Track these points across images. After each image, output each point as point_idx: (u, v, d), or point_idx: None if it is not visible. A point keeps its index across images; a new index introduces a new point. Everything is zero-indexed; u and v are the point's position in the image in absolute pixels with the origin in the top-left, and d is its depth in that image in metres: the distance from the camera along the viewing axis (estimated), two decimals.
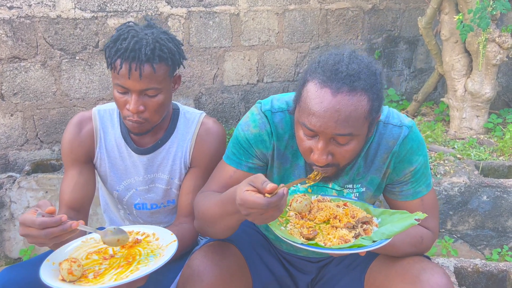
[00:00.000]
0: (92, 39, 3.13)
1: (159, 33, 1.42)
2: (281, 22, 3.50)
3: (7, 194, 2.79)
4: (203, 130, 1.55)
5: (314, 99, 1.12)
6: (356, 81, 1.11)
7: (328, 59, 1.17)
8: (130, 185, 1.58)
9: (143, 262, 1.20)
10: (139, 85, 1.36)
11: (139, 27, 1.42)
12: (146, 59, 1.34)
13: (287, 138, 1.32)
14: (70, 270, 1.15)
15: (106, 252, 1.27)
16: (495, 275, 1.92)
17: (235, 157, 1.36)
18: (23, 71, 3.06)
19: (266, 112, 1.32)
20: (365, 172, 1.34)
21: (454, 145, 3.23)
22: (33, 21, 2.99)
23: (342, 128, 1.11)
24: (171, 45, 1.42)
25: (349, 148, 1.16)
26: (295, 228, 1.20)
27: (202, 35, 3.36)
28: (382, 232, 1.15)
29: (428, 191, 1.36)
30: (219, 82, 3.51)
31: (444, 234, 2.76)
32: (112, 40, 1.40)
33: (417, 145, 1.32)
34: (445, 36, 3.35)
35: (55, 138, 3.23)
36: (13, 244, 2.84)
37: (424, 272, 1.23)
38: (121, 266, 1.20)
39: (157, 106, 1.41)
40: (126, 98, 1.39)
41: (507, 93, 3.87)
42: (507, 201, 2.66)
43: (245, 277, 1.35)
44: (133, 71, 1.34)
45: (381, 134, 1.31)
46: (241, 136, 1.34)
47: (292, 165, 1.35)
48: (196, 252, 1.32)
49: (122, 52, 1.35)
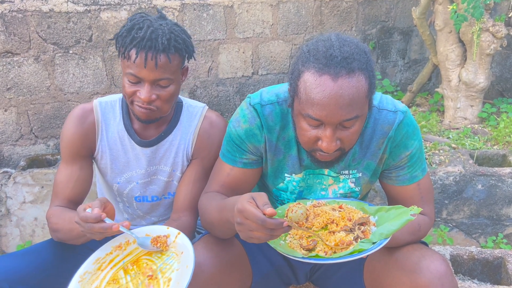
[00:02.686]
0: (86, 33, 3.11)
1: (172, 24, 1.43)
2: (275, 14, 3.49)
3: (3, 190, 2.78)
4: (207, 123, 1.56)
5: (315, 88, 1.11)
6: (352, 62, 1.11)
7: (318, 46, 1.15)
8: (131, 178, 1.58)
9: (167, 270, 1.17)
10: (153, 75, 1.36)
11: (152, 18, 1.42)
12: (163, 49, 1.35)
13: (278, 129, 1.32)
14: None
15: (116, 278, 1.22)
16: (491, 262, 1.94)
17: (230, 154, 1.37)
18: (16, 66, 3.03)
19: (256, 106, 1.32)
20: (360, 158, 1.35)
21: (449, 135, 3.25)
22: (25, 15, 2.96)
23: (348, 113, 1.12)
24: (184, 37, 1.43)
25: (354, 130, 1.17)
26: (294, 239, 1.20)
27: (196, 27, 3.34)
28: (381, 232, 1.16)
29: (423, 176, 1.37)
30: (214, 75, 3.50)
31: (440, 223, 2.78)
32: (126, 30, 1.38)
33: (412, 129, 1.33)
34: (439, 26, 3.35)
35: (50, 133, 3.22)
36: (9, 239, 2.83)
37: (423, 259, 1.24)
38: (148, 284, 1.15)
39: (168, 96, 1.41)
40: (136, 88, 1.39)
41: (501, 83, 3.89)
42: (502, 189, 2.68)
43: (245, 267, 1.35)
44: (149, 61, 1.34)
45: (375, 119, 1.31)
46: (233, 133, 1.35)
47: (285, 156, 1.36)
48: (196, 243, 1.32)
49: (138, 41, 1.34)
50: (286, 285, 1.55)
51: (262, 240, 1.04)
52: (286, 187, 1.41)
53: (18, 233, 2.82)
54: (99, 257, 1.30)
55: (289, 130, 1.33)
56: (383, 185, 1.45)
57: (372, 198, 2.74)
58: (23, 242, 2.82)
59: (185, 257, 1.15)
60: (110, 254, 1.30)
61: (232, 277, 1.30)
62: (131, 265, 1.24)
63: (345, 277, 1.44)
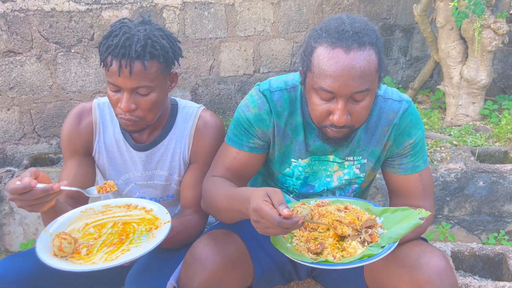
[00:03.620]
0: (87, 32, 3.12)
1: (153, 29, 1.37)
2: (276, 12, 3.50)
3: (6, 189, 2.80)
4: (201, 124, 1.52)
5: (328, 60, 1.16)
6: (363, 37, 1.16)
7: (330, 24, 1.21)
8: (129, 179, 1.58)
9: (135, 242, 1.21)
10: (130, 83, 1.32)
11: (133, 24, 1.38)
12: (136, 56, 1.30)
13: (286, 115, 1.36)
14: (60, 247, 1.18)
15: (103, 226, 1.29)
16: (492, 258, 1.94)
17: (237, 138, 1.39)
18: (18, 65, 3.05)
19: (265, 92, 1.36)
20: (365, 144, 1.38)
21: (451, 132, 3.25)
22: (27, 14, 2.98)
23: (360, 85, 1.16)
24: (164, 42, 1.37)
25: (364, 104, 1.20)
26: (301, 242, 1.20)
27: (197, 26, 3.35)
28: (389, 236, 1.16)
29: (425, 167, 1.40)
30: (215, 73, 3.51)
31: (441, 220, 2.79)
32: (104, 37, 1.35)
33: (416, 119, 1.38)
34: (441, 23, 3.35)
35: (52, 132, 3.23)
36: (13, 238, 2.85)
37: (423, 255, 1.25)
38: (114, 244, 1.21)
39: (149, 104, 1.36)
40: (118, 96, 1.35)
41: (503, 80, 3.88)
42: (503, 186, 2.68)
43: (246, 264, 1.36)
44: (123, 69, 1.30)
45: (381, 108, 1.36)
46: (242, 117, 1.37)
47: (292, 141, 1.38)
48: (198, 240, 1.33)
49: (113, 48, 1.31)
50: (288, 281, 1.56)
51: (278, 234, 1.09)
52: (292, 172, 1.43)
53: (22, 231, 2.84)
54: (109, 204, 1.37)
55: (297, 116, 1.36)
56: (385, 175, 1.47)
57: (373, 195, 2.75)
58: (27, 241, 2.84)
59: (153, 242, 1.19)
60: (118, 207, 1.36)
61: (234, 274, 1.31)
62: (121, 223, 1.30)
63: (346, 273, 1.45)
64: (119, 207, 1.36)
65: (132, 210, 1.34)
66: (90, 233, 1.27)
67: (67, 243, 1.18)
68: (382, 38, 1.23)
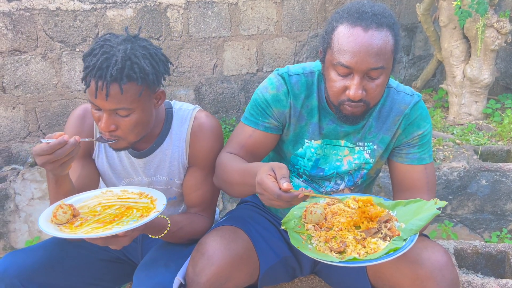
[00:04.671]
0: (92, 31, 3.14)
1: (137, 48, 1.30)
2: (279, 11, 3.51)
3: (11, 186, 2.82)
4: (196, 126, 1.48)
5: (348, 37, 1.25)
6: (381, 19, 1.26)
7: (351, 6, 1.31)
8: (131, 182, 1.58)
9: (122, 224, 1.23)
10: (107, 105, 1.27)
11: (116, 41, 1.31)
12: (113, 79, 1.25)
13: (303, 97, 1.44)
14: (55, 214, 1.24)
15: (109, 207, 1.33)
16: (494, 256, 1.96)
17: (253, 117, 1.46)
18: (23, 64, 3.07)
19: (283, 75, 1.44)
20: (376, 132, 1.45)
21: (453, 131, 3.26)
22: (32, 13, 3.00)
23: (376, 62, 1.24)
24: (145, 64, 1.29)
25: (379, 82, 1.28)
26: (320, 242, 1.21)
27: (201, 25, 3.36)
28: (410, 229, 1.19)
29: (430, 161, 1.47)
30: (218, 72, 3.52)
31: (444, 218, 2.80)
32: (85, 54, 1.31)
33: (425, 113, 1.47)
34: (444, 22, 3.36)
35: (57, 130, 3.25)
36: (18, 235, 2.87)
37: (425, 250, 1.27)
38: (105, 222, 1.25)
39: (130, 125, 1.32)
40: (99, 114, 1.32)
41: (506, 79, 3.89)
42: (506, 184, 2.69)
43: (253, 260, 1.38)
44: (100, 91, 1.26)
45: (393, 99, 1.44)
46: (260, 97, 1.45)
47: (307, 123, 1.45)
48: (205, 236, 1.35)
49: (90, 69, 1.26)
50: (291, 277, 1.58)
51: (283, 207, 1.14)
52: (304, 153, 1.48)
53: (27, 229, 2.86)
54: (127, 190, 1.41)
55: (313, 100, 1.44)
56: (392, 166, 1.50)
57: (376, 193, 2.76)
58: (32, 238, 2.86)
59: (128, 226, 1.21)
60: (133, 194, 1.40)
61: (241, 270, 1.32)
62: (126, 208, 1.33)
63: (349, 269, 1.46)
64: (134, 194, 1.40)
65: (142, 198, 1.37)
66: (95, 210, 1.32)
67: (62, 212, 1.24)
68: (398, 24, 1.32)
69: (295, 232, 1.24)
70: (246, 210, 1.60)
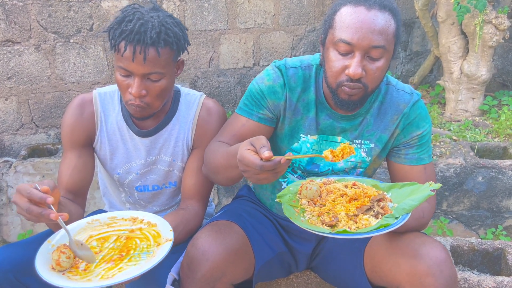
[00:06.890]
0: (86, 22, 3.09)
1: (165, 16, 1.39)
2: (277, 4, 3.47)
3: (4, 179, 2.78)
4: (204, 111, 1.56)
5: (351, 15, 1.24)
6: (385, 2, 1.26)
7: None
8: (130, 169, 1.59)
9: (135, 260, 1.18)
10: (142, 69, 1.33)
11: (144, 9, 1.39)
12: (152, 43, 1.32)
13: (299, 91, 1.41)
14: (58, 261, 1.15)
15: (106, 240, 1.27)
16: (491, 253, 1.95)
17: (247, 107, 1.44)
18: (16, 55, 3.02)
19: (281, 67, 1.42)
20: (374, 130, 1.42)
21: (450, 127, 3.25)
22: (26, 3, 2.95)
23: (377, 40, 1.23)
24: (176, 30, 1.39)
25: (379, 65, 1.26)
26: (313, 216, 1.21)
27: (197, 17, 3.33)
28: (403, 208, 1.17)
29: (429, 161, 1.44)
30: (215, 65, 3.49)
31: (440, 214, 2.79)
32: (117, 22, 1.36)
33: (425, 113, 1.43)
34: (442, 18, 3.34)
35: (50, 123, 3.21)
36: (10, 228, 2.84)
37: (424, 246, 1.26)
38: (113, 260, 1.18)
39: (159, 91, 1.39)
40: (128, 81, 1.37)
41: (503, 75, 3.88)
42: (502, 181, 2.69)
43: (248, 255, 1.36)
44: (138, 54, 1.31)
45: (392, 96, 1.42)
46: (255, 88, 1.43)
47: (303, 117, 1.42)
48: (200, 231, 1.33)
49: (127, 34, 1.32)
50: (287, 273, 1.56)
51: (271, 179, 1.09)
52: (300, 148, 1.45)
53: (19, 222, 2.83)
54: (115, 217, 1.35)
55: (310, 93, 1.41)
56: (391, 166, 1.48)
57: None
58: (24, 231, 2.83)
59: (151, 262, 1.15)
60: (124, 220, 1.34)
61: (237, 265, 1.31)
62: (124, 238, 1.27)
63: (345, 263, 1.46)
64: (125, 220, 1.34)
65: (137, 224, 1.32)
66: (92, 246, 1.24)
67: (65, 257, 1.15)
68: (400, 14, 1.31)
69: (289, 205, 1.22)
70: (242, 205, 1.58)
